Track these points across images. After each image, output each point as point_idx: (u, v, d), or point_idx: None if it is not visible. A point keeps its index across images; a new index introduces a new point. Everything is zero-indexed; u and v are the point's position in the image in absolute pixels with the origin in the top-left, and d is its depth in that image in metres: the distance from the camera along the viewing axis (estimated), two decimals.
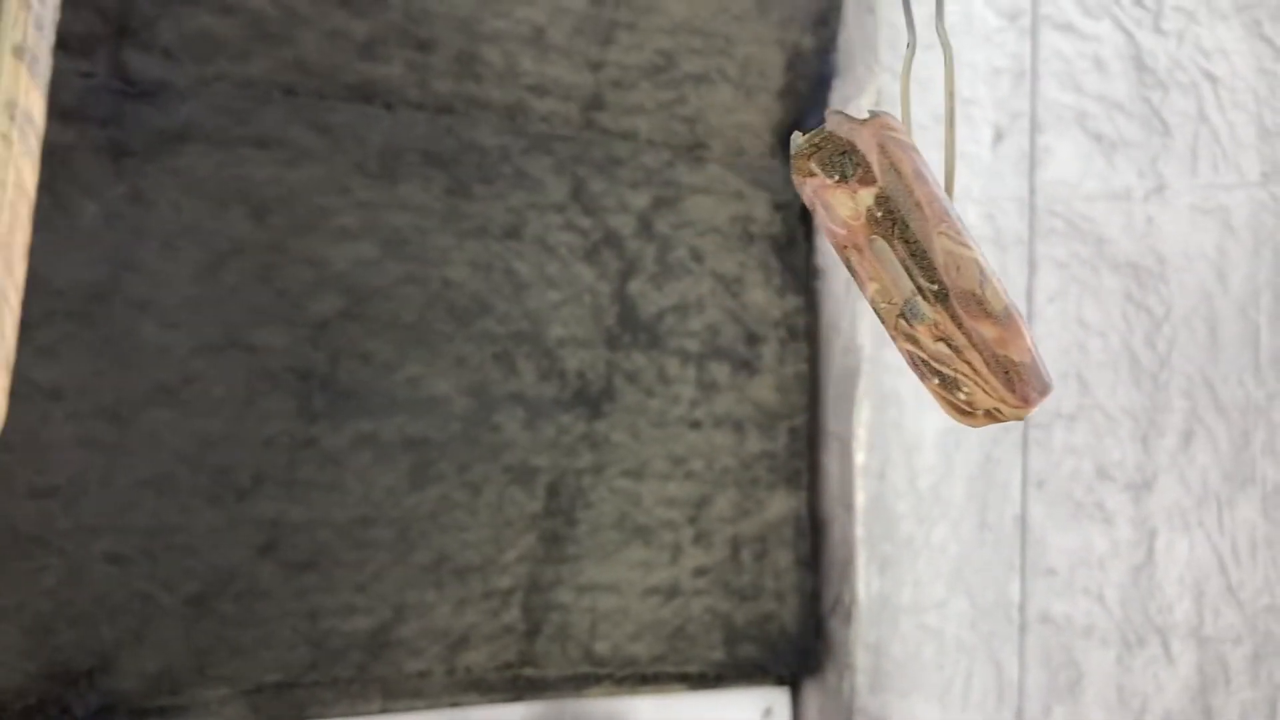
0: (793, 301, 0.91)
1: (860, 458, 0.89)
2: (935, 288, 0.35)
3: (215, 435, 0.72)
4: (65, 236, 0.68)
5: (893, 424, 0.89)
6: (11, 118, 0.48)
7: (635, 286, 0.86)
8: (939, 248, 0.35)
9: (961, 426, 0.85)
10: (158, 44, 0.71)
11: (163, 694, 0.71)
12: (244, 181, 0.73)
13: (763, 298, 0.90)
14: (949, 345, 0.36)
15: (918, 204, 0.36)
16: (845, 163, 0.38)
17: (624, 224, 0.86)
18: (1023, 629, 0.84)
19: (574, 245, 0.84)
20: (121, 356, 0.69)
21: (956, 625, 0.86)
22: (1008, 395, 0.35)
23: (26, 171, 0.50)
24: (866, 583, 0.89)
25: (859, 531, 0.89)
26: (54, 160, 0.68)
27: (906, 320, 0.37)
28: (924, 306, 0.36)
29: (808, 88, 0.92)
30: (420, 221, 0.79)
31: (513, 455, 0.82)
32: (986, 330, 0.35)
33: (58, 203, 0.68)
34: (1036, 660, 0.83)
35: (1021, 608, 0.84)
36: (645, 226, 0.87)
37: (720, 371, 0.88)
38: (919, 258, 0.35)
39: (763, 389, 0.89)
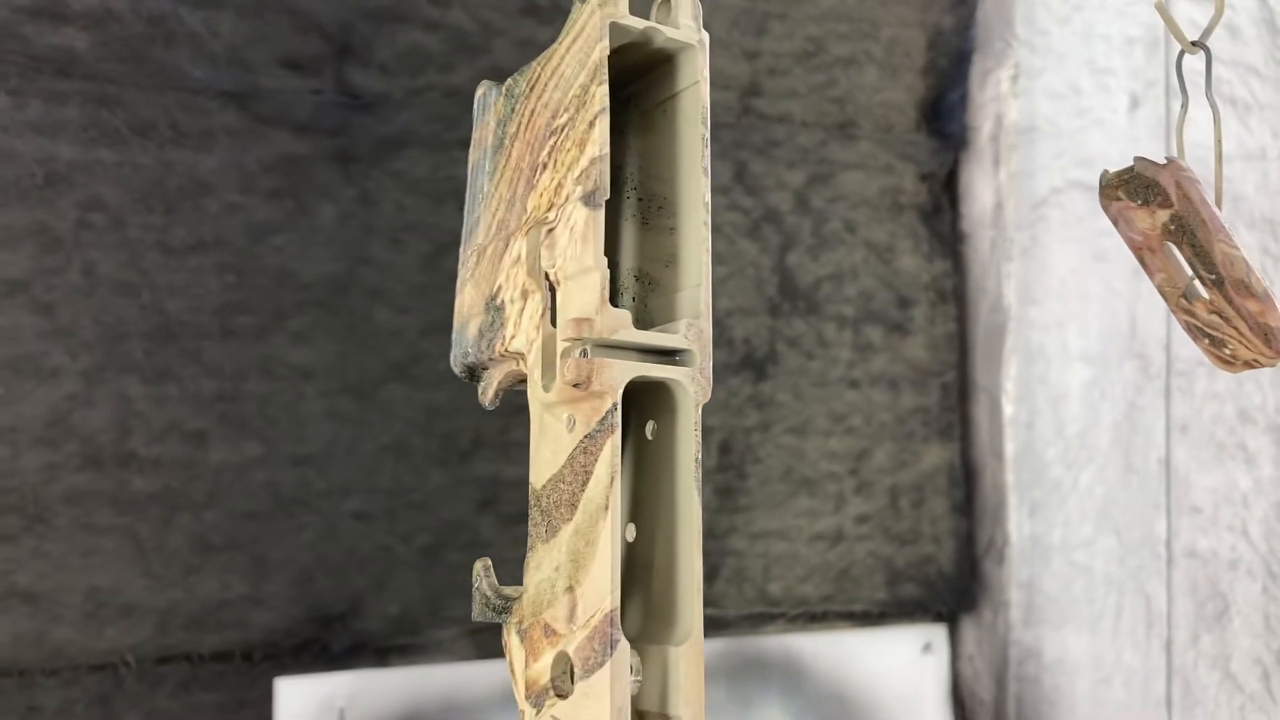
0: (940, 265, 0.97)
1: (1009, 409, 0.96)
2: (1213, 277, 0.46)
3: (441, 405, 0.81)
4: (308, 236, 0.78)
5: (1039, 378, 0.95)
6: None
7: (794, 258, 0.94)
8: (1218, 251, 0.47)
9: (1105, 379, 0.91)
10: (375, 61, 0.81)
11: (403, 633, 0.81)
12: (455, 180, 0.82)
13: (912, 264, 0.96)
14: (1220, 316, 0.47)
15: (1202, 221, 0.48)
16: (1148, 193, 0.49)
17: (782, 201, 0.93)
18: (1170, 563, 0.90)
19: (738, 224, 0.92)
20: (361, 339, 0.79)
21: (1105, 561, 0.93)
22: (1265, 350, 0.47)
23: None
24: (1018, 525, 0.95)
25: (1009, 478, 0.96)
26: (295, 169, 0.78)
27: (1187, 299, 0.48)
28: (1201, 289, 0.47)
29: (948, 64, 0.98)
30: None
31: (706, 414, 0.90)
32: (1251, 305, 0.47)
33: (301, 207, 0.78)
34: (1183, 592, 0.89)
35: (1168, 543, 0.90)
36: (802, 202, 0.94)
37: (875, 334, 0.95)
38: (1202, 257, 0.47)
39: (915, 348, 0.96)
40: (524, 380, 0.40)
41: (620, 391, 0.35)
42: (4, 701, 0.71)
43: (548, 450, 0.37)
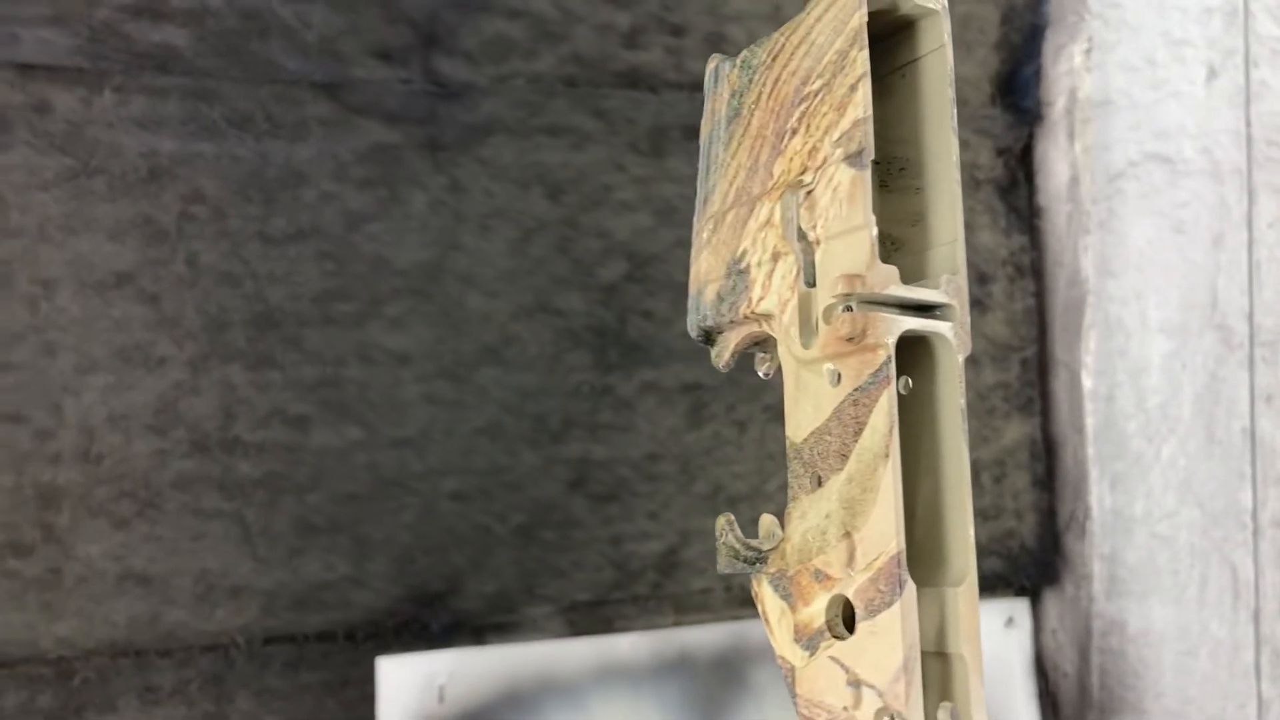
0: (1018, 240, 0.98)
1: (1089, 383, 0.96)
2: None
3: (532, 387, 0.83)
4: (401, 224, 0.80)
5: (1119, 351, 0.95)
6: None
7: None
8: None
9: (1186, 351, 0.91)
10: (460, 50, 0.82)
11: (499, 612, 0.83)
12: (540, 166, 0.83)
13: (990, 239, 0.97)
14: None
15: None
16: None
17: None
18: (1256, 533, 0.90)
19: None
20: (454, 324, 0.81)
21: (1189, 533, 0.93)
22: None
23: None
24: (1099, 498, 0.96)
25: (1090, 451, 0.96)
26: (387, 158, 0.80)
27: None
28: None
29: (1021, 39, 0.98)
30: (685, 191, 0.88)
31: (770, 395, 0.91)
32: None
33: (394, 195, 0.79)
34: (1271, 563, 0.89)
35: (1254, 514, 0.90)
36: None
37: None
38: None
39: (994, 324, 0.97)
40: (759, 342, 0.41)
41: (894, 345, 0.36)
42: (122, 681, 0.74)
43: (808, 405, 0.38)
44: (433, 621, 0.81)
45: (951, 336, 0.38)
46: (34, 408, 0.72)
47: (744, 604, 0.91)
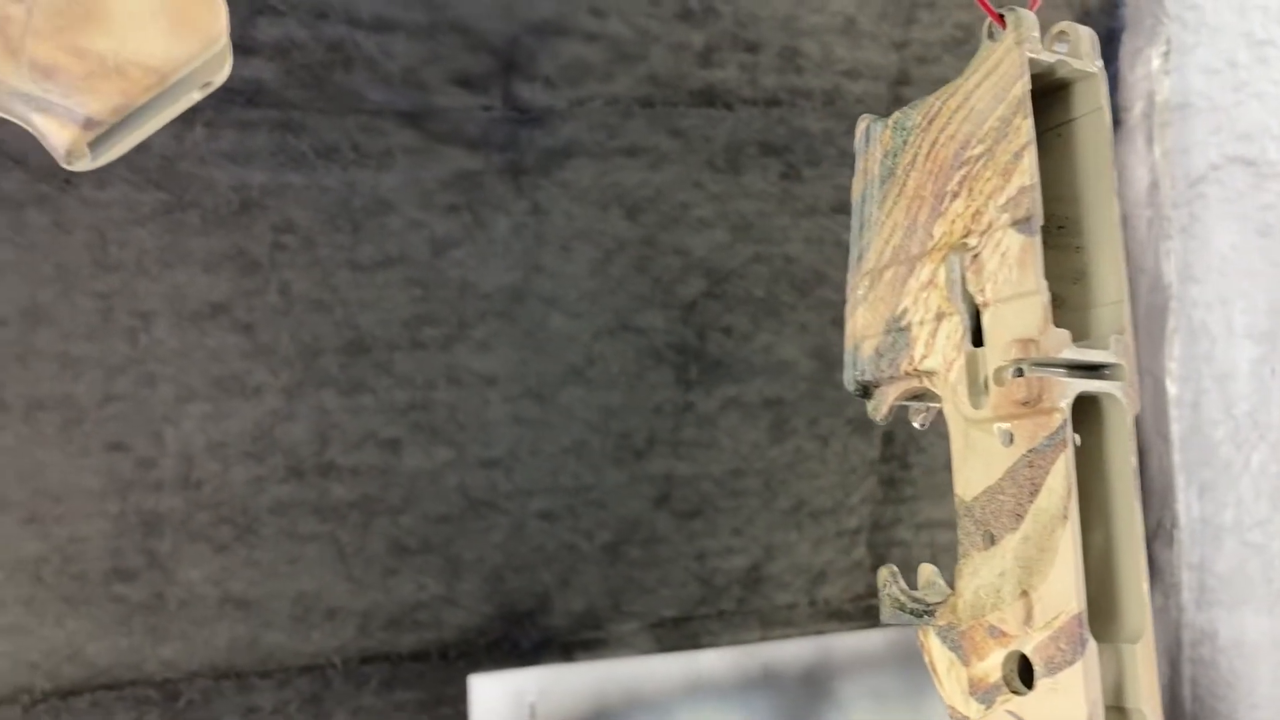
0: None
1: (1173, 390, 0.95)
2: None
3: (615, 406, 0.83)
4: (485, 248, 0.81)
5: (1204, 356, 0.94)
6: None
7: None
8: None
9: (1275, 356, 0.90)
10: (539, 74, 0.83)
11: (587, 629, 0.84)
12: (619, 187, 0.84)
13: None
14: None
15: None
16: None
17: None
18: None
19: None
20: (538, 345, 0.82)
21: None
22: None
23: None
24: (1186, 506, 0.94)
25: (1176, 459, 0.95)
26: (470, 185, 0.81)
27: None
28: None
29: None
30: (762, 206, 0.88)
31: (853, 409, 0.91)
32: None
33: (477, 220, 0.81)
34: None
35: None
36: None
37: None
38: None
39: None
40: (917, 396, 0.42)
41: (1070, 407, 0.37)
42: (225, 703, 0.75)
43: (978, 464, 0.39)
44: (523, 639, 0.82)
45: (1121, 396, 0.39)
46: (136, 437, 0.74)
47: (829, 618, 0.91)
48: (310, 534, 0.77)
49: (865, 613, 0.93)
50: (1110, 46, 0.98)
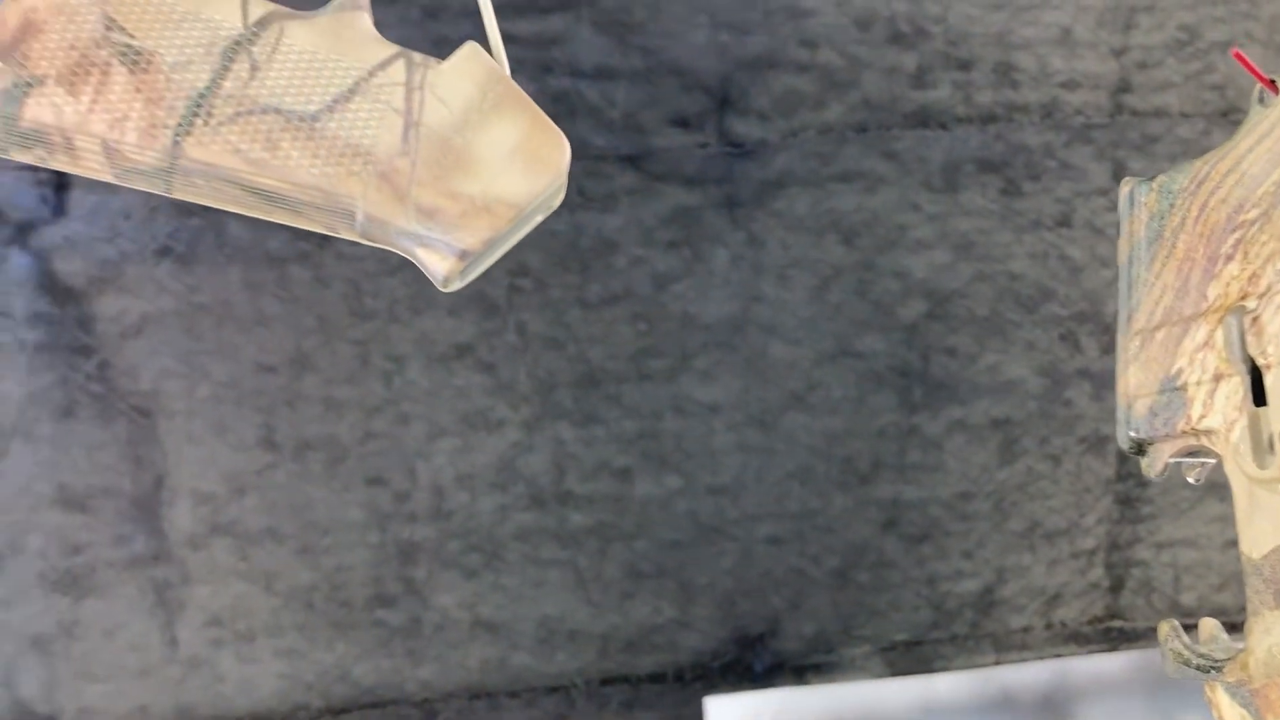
0: None
1: None
2: None
3: (839, 431, 0.84)
4: (705, 281, 0.83)
5: None
6: None
7: None
8: None
9: None
10: (753, 108, 0.85)
11: (818, 653, 0.85)
12: (834, 213, 0.85)
13: None
14: None
15: None
16: None
17: None
18: None
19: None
20: (760, 373, 0.83)
21: None
22: None
23: None
24: None
25: None
26: (688, 220, 0.84)
27: None
28: None
29: None
30: (982, 224, 0.87)
31: (1085, 426, 0.89)
32: None
33: (697, 254, 0.83)
34: None
35: None
36: None
37: None
38: None
39: None
40: (1192, 453, 0.43)
41: None
42: None
43: (1266, 523, 0.40)
44: (755, 662, 0.83)
45: None
46: (392, 471, 0.80)
47: (1066, 641, 0.89)
48: (552, 559, 0.81)
49: (1104, 635, 0.90)
50: None
